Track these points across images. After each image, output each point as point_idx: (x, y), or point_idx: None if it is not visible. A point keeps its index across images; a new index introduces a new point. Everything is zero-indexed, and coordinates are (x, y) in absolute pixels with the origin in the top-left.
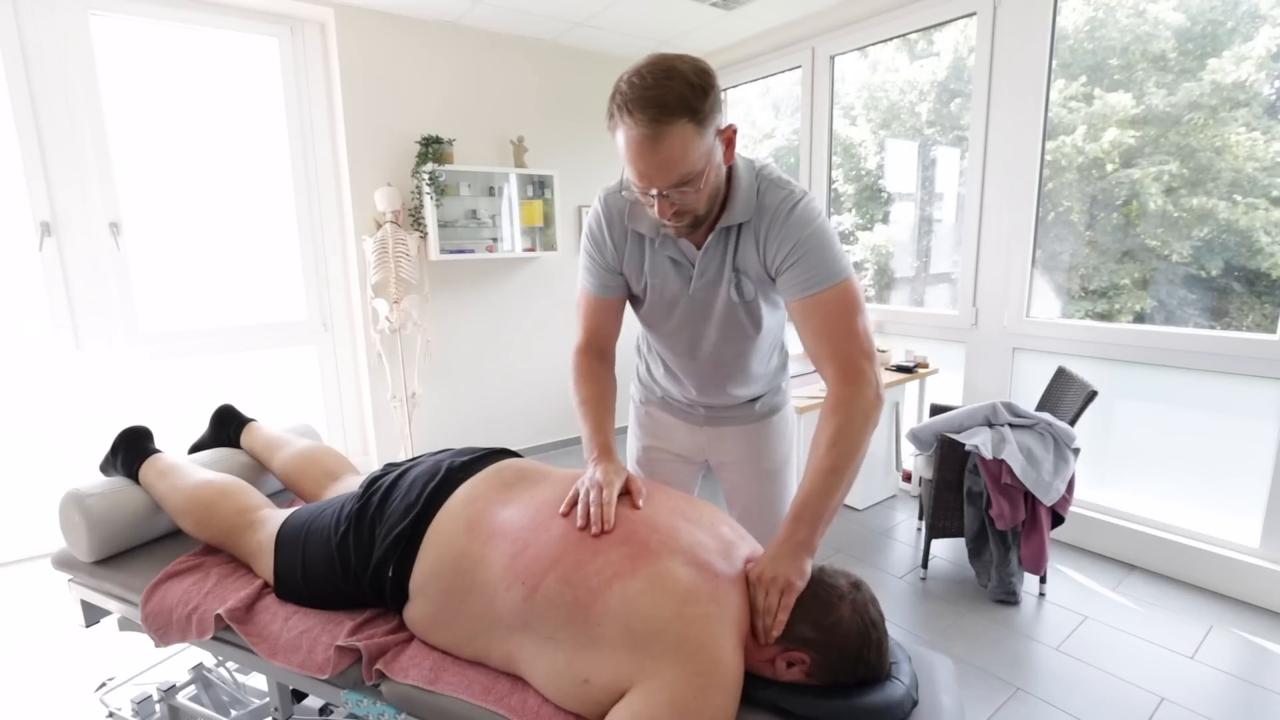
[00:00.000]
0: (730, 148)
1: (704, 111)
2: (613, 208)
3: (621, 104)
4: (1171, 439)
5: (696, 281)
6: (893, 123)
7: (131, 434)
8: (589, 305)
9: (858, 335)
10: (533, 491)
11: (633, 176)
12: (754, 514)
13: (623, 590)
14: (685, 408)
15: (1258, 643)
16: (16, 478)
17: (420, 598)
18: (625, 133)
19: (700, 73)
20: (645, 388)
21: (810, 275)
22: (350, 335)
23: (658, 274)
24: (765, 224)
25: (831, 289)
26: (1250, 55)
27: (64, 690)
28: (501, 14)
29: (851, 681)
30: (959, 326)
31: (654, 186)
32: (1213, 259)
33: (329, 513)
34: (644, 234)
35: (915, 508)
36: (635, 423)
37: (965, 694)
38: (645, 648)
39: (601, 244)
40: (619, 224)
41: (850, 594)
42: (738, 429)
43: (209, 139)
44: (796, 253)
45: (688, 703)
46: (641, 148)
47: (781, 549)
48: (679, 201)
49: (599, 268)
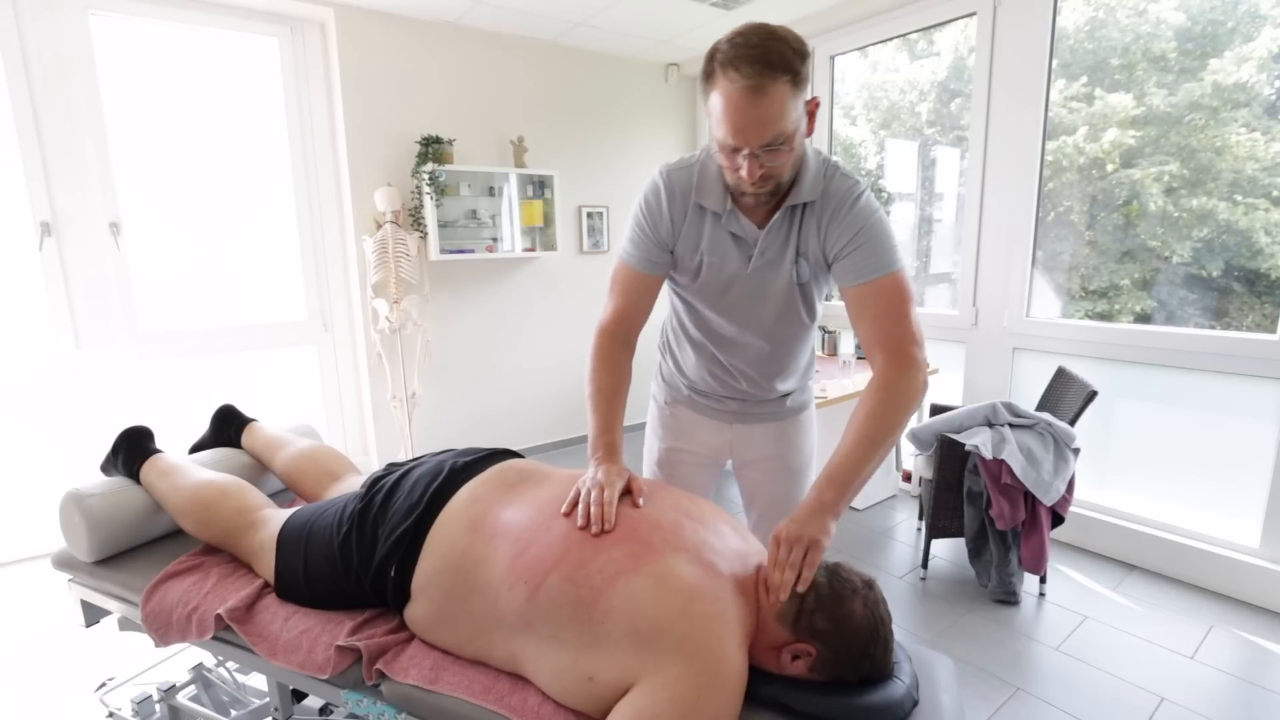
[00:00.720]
0: (812, 120)
1: (802, 74)
2: (675, 181)
3: (725, 61)
4: (1171, 439)
5: (757, 260)
6: (893, 123)
7: (132, 434)
8: (627, 279)
9: (910, 322)
10: (535, 492)
11: (727, 135)
12: (776, 512)
13: (626, 588)
14: (714, 404)
15: (1258, 643)
16: (16, 477)
17: (422, 598)
18: (726, 88)
19: (799, 40)
20: (670, 386)
21: (869, 263)
22: (350, 335)
23: (716, 250)
24: (830, 210)
25: (887, 277)
26: (1251, 56)
27: (64, 690)
28: (501, 14)
29: (854, 678)
30: (959, 326)
31: (748, 144)
32: (1213, 259)
33: (331, 513)
34: (708, 209)
35: (915, 508)
36: (657, 423)
37: (965, 694)
38: (649, 645)
39: (658, 217)
40: (681, 198)
41: (863, 590)
42: (766, 426)
43: (209, 139)
44: (858, 240)
45: (691, 701)
46: (743, 103)
47: (810, 509)
48: (768, 163)
49: (648, 242)
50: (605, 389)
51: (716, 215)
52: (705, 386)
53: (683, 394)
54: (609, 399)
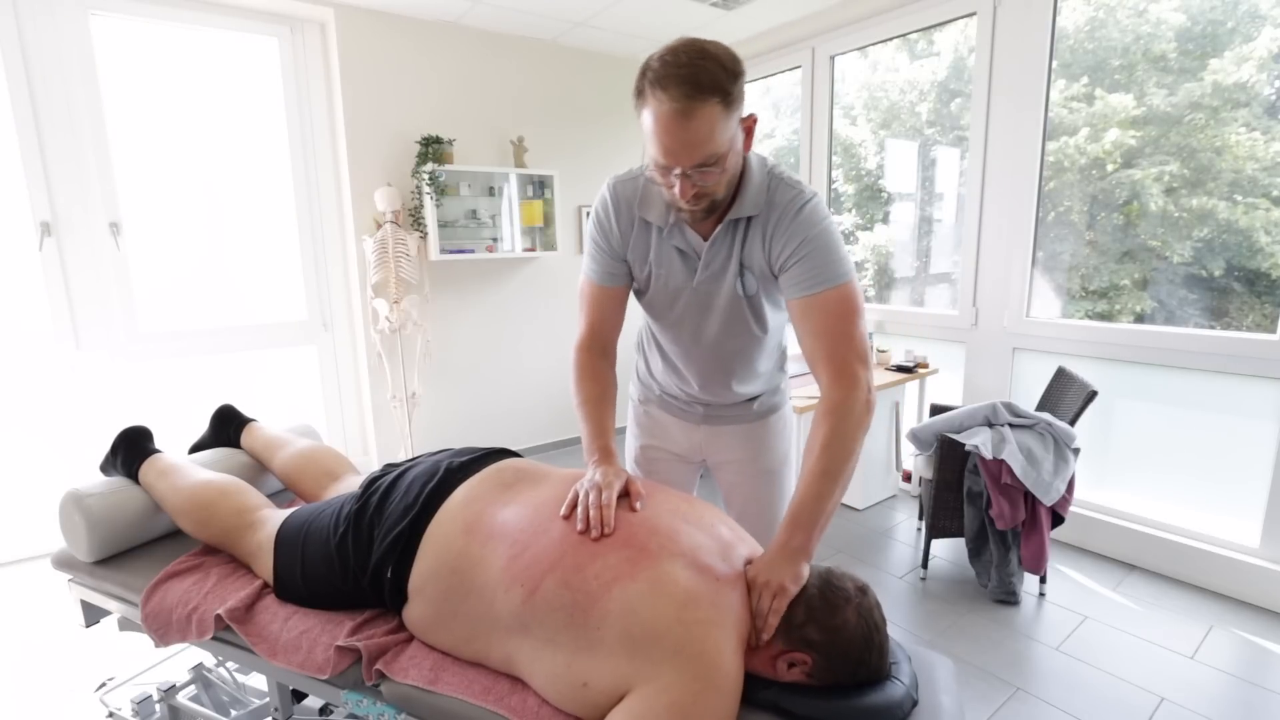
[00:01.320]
0: (749, 137)
1: (734, 95)
2: (621, 194)
3: (654, 80)
4: (1171, 439)
5: (702, 273)
6: (893, 123)
7: (131, 434)
8: (592, 295)
9: (854, 338)
10: (532, 492)
11: (657, 154)
12: (752, 513)
13: (622, 594)
14: (683, 406)
15: (1258, 643)
16: (16, 477)
17: (419, 598)
18: (654, 109)
19: (732, 58)
20: (644, 386)
21: (813, 274)
22: (350, 335)
23: (663, 264)
24: (774, 220)
25: (833, 290)
26: (1251, 56)
27: (64, 690)
28: (501, 14)
29: (851, 683)
30: (959, 326)
31: (678, 165)
32: (1213, 259)
33: (328, 513)
34: (652, 222)
35: (915, 508)
36: (634, 422)
37: (965, 694)
38: (645, 652)
39: (608, 230)
40: (626, 211)
41: (856, 598)
42: (735, 428)
43: (209, 139)
44: (801, 251)
45: (686, 707)
46: (671, 124)
47: (778, 554)
48: (700, 183)
49: (604, 255)
50: (591, 398)
51: (660, 229)
52: (672, 389)
53: (655, 394)
54: (597, 405)
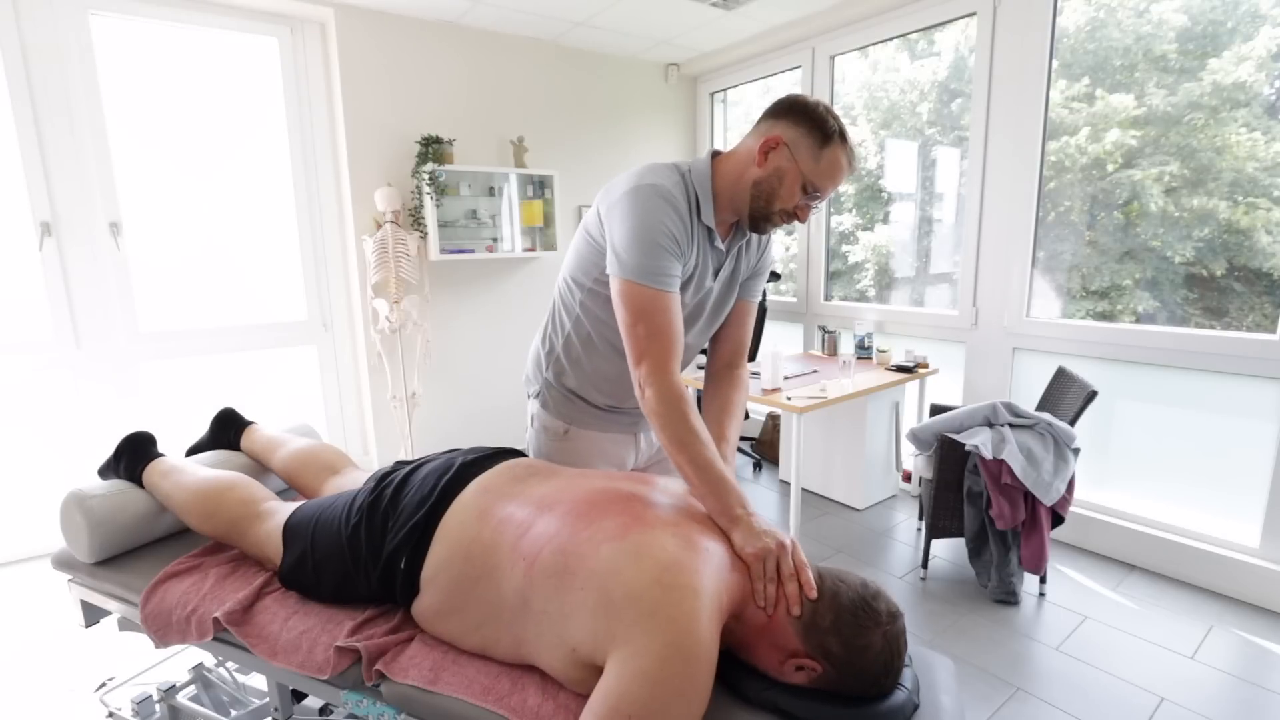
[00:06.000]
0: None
1: None
2: (677, 198)
3: (841, 132)
4: (1171, 439)
5: (724, 274)
6: (893, 123)
7: (136, 439)
8: (668, 306)
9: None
10: (545, 486)
11: (818, 187)
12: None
13: (609, 552)
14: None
15: (1258, 643)
16: (17, 478)
17: (430, 588)
18: (838, 154)
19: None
20: (565, 415)
21: (758, 285)
22: (350, 335)
23: (699, 266)
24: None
25: (758, 299)
26: (1251, 55)
27: (64, 690)
28: (501, 14)
29: (853, 695)
30: (959, 326)
31: (825, 197)
32: (1213, 259)
33: (338, 505)
34: (709, 226)
35: (915, 508)
36: (548, 456)
37: (965, 694)
38: (620, 612)
39: (680, 233)
40: (688, 215)
41: (886, 623)
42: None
43: (209, 139)
44: (766, 261)
45: (654, 673)
46: (843, 172)
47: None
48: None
49: (675, 260)
50: (709, 439)
51: (710, 231)
52: (617, 398)
53: (584, 417)
54: (721, 447)
